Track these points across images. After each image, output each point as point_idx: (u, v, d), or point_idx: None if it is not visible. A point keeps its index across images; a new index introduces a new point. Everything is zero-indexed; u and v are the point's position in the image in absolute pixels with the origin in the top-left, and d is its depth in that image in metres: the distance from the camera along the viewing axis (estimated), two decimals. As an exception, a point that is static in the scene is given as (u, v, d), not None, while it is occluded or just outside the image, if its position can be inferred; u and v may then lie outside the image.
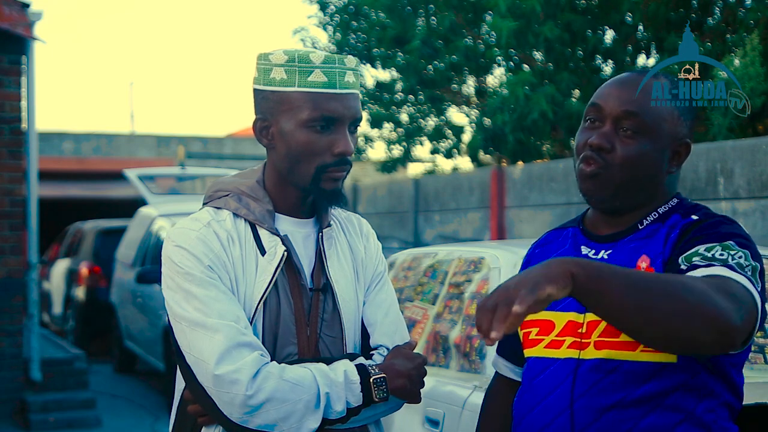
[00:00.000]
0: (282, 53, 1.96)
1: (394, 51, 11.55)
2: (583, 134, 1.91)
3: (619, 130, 1.86)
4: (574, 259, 1.57)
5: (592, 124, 1.90)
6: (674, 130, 1.87)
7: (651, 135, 1.85)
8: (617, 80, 1.92)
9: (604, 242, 1.91)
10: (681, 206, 1.91)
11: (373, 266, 2.13)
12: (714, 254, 1.70)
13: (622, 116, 1.85)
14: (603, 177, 1.86)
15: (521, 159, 9.90)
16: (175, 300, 1.91)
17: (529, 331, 1.93)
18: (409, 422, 3.69)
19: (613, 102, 1.87)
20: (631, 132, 1.85)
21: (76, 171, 20.86)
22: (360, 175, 19.89)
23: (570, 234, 2.00)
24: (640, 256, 1.82)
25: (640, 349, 1.75)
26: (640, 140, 1.85)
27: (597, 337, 1.80)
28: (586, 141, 1.88)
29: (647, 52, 9.88)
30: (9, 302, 7.87)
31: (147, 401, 9.12)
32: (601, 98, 1.89)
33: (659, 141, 1.85)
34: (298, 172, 1.98)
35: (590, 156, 1.87)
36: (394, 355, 2.00)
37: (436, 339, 3.93)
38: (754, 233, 5.51)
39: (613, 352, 1.77)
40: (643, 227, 1.88)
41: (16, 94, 7.89)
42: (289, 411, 1.84)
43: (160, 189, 11.72)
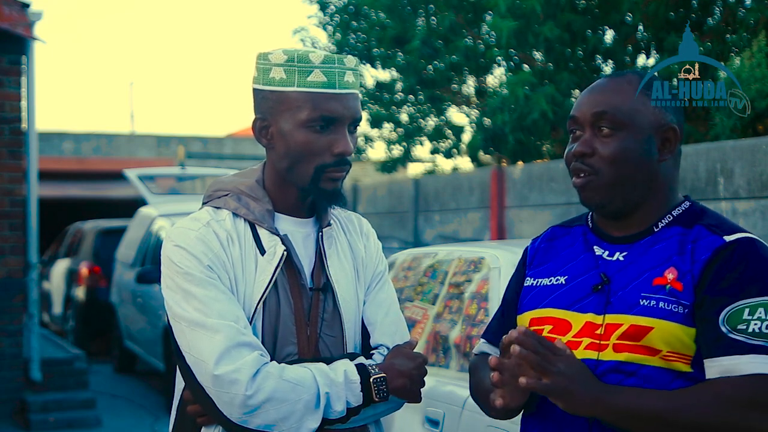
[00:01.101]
0: (281, 53, 1.96)
1: (394, 51, 11.54)
2: (569, 146, 1.93)
3: (597, 132, 1.87)
4: (606, 401, 1.73)
5: (574, 135, 1.92)
6: (654, 118, 1.87)
7: (628, 128, 1.85)
8: (588, 88, 1.95)
9: (618, 243, 1.90)
10: (695, 211, 1.89)
11: (373, 266, 2.12)
12: (761, 327, 1.71)
13: (595, 118, 1.87)
14: (594, 182, 1.87)
15: (521, 159, 9.89)
16: (174, 300, 1.91)
17: (541, 328, 1.91)
18: (409, 422, 3.69)
19: (585, 108, 1.90)
20: (607, 130, 1.86)
21: (76, 171, 20.86)
22: (360, 175, 19.88)
23: (579, 232, 1.99)
24: (668, 267, 1.80)
25: (660, 355, 1.76)
26: (619, 135, 1.85)
27: (616, 340, 1.79)
28: (571, 152, 1.91)
29: (647, 52, 9.87)
30: (9, 302, 7.87)
31: (147, 401, 9.11)
32: (576, 109, 1.92)
33: (640, 131, 1.86)
34: (297, 172, 1.97)
35: (577, 167, 1.89)
36: (394, 354, 2.00)
37: (436, 339, 3.93)
38: (753, 233, 5.51)
39: (633, 356, 1.77)
40: (658, 230, 1.87)
41: (16, 94, 7.89)
42: (288, 411, 1.84)
43: (160, 189, 11.72)
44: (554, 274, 1.95)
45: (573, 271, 1.92)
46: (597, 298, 1.84)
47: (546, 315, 1.91)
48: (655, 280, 1.80)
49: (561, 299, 1.89)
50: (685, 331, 1.75)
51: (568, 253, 1.97)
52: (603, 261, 1.89)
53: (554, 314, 1.90)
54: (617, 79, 1.92)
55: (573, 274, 1.91)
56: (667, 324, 1.75)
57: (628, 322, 1.78)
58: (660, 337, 1.76)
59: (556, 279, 1.94)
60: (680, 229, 1.86)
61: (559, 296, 1.90)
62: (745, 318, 1.72)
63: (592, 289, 1.85)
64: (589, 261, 1.91)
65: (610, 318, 1.81)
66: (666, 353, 1.76)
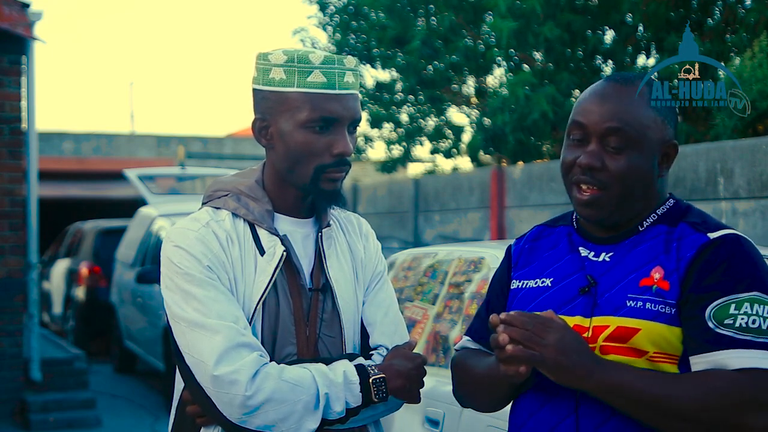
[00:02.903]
0: (281, 53, 1.96)
1: (394, 51, 11.54)
2: (570, 152, 1.88)
3: (606, 146, 1.83)
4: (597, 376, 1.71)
5: (578, 142, 1.87)
6: (660, 135, 1.85)
7: (638, 146, 1.82)
8: (596, 94, 1.87)
9: (603, 243, 1.89)
10: (680, 209, 1.88)
11: (372, 266, 2.12)
12: (748, 321, 1.70)
13: (607, 133, 1.83)
14: (603, 200, 1.84)
15: (521, 159, 9.89)
16: (174, 300, 1.91)
17: None
18: (409, 422, 3.69)
19: (596, 118, 1.84)
20: (618, 148, 1.82)
21: (76, 171, 20.85)
22: (360, 175, 19.87)
23: (564, 233, 1.97)
24: (654, 266, 1.79)
25: (647, 357, 1.75)
26: (629, 154, 1.82)
27: (603, 342, 1.78)
28: (575, 160, 1.86)
29: (647, 52, 9.87)
30: (9, 302, 7.87)
31: (147, 401, 9.11)
32: (583, 115, 1.86)
33: (648, 150, 1.83)
34: (296, 172, 1.97)
35: (583, 180, 1.85)
36: (393, 355, 2.00)
37: (436, 339, 3.93)
38: (754, 233, 5.51)
39: (620, 358, 1.76)
40: (643, 229, 1.86)
41: (16, 94, 7.89)
42: (288, 411, 1.84)
43: (160, 189, 11.71)
44: (540, 275, 1.94)
45: (559, 272, 1.90)
46: (584, 300, 1.83)
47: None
48: (642, 281, 1.79)
49: (548, 302, 1.88)
50: (671, 331, 1.75)
51: (553, 254, 1.95)
52: (589, 262, 1.87)
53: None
54: (628, 89, 1.86)
55: (559, 276, 1.90)
56: (653, 325, 1.75)
57: (615, 324, 1.77)
58: (647, 338, 1.75)
59: (542, 281, 1.92)
60: (665, 228, 1.85)
61: (546, 299, 1.89)
62: (731, 313, 1.71)
63: (579, 292, 1.84)
64: (575, 262, 1.89)
65: (597, 320, 1.80)
66: (653, 354, 1.75)
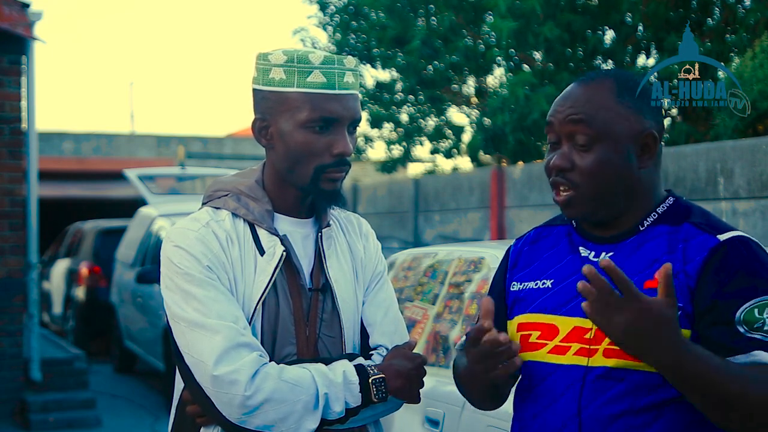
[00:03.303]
0: (281, 53, 1.96)
1: (394, 51, 11.54)
2: (548, 155, 1.89)
3: (575, 145, 1.83)
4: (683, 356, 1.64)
5: (554, 145, 1.88)
6: (632, 126, 1.82)
7: (605, 140, 1.80)
8: (563, 94, 1.88)
9: (603, 243, 1.87)
10: (681, 208, 1.87)
11: (372, 266, 2.12)
12: None
13: (571, 132, 1.83)
14: (576, 198, 1.84)
15: (521, 159, 9.89)
16: (174, 300, 1.91)
17: (528, 333, 1.88)
18: (409, 422, 3.69)
19: (560, 118, 1.85)
20: (584, 142, 1.81)
21: (76, 171, 20.85)
22: (360, 175, 19.87)
23: (563, 233, 1.96)
24: (658, 268, 1.73)
25: None
26: (596, 148, 1.81)
27: (607, 345, 1.76)
28: (549, 165, 1.88)
29: (647, 52, 9.88)
30: (9, 302, 7.87)
31: (147, 401, 9.11)
32: (552, 115, 1.88)
33: (618, 143, 1.81)
34: (296, 172, 1.97)
35: (556, 181, 1.86)
36: (393, 355, 2.00)
37: (436, 339, 3.93)
38: (754, 233, 5.51)
39: (623, 361, 1.74)
40: (644, 228, 1.84)
41: (16, 94, 7.89)
42: (287, 411, 1.84)
43: (160, 189, 11.71)
44: (540, 277, 1.92)
45: (559, 273, 1.89)
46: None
47: (534, 321, 1.88)
48: (646, 283, 1.77)
49: (548, 303, 1.86)
50: None
51: (553, 255, 1.94)
52: (589, 263, 1.85)
53: (542, 319, 1.87)
54: (591, 84, 1.85)
55: (559, 277, 1.88)
56: None
57: None
58: None
59: (543, 282, 1.91)
60: (667, 228, 1.83)
61: (546, 300, 1.87)
62: (758, 317, 1.71)
63: (579, 292, 1.84)
64: (576, 263, 1.87)
65: None
66: None
